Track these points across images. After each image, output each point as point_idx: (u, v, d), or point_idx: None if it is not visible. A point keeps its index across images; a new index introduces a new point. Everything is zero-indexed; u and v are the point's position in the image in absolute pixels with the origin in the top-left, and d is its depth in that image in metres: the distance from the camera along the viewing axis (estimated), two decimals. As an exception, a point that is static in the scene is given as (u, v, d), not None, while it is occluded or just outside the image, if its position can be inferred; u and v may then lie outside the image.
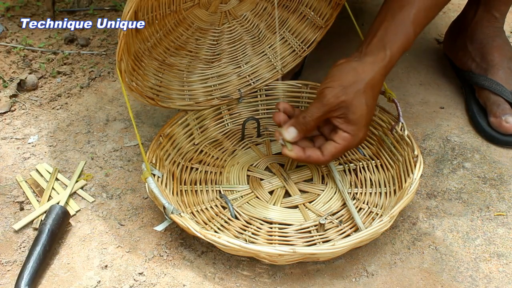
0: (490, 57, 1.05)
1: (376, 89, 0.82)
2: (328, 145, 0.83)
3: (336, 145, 0.83)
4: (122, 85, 0.79)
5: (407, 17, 0.81)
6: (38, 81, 1.11)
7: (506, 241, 0.84)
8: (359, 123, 0.81)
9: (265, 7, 0.94)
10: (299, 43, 0.98)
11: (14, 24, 1.26)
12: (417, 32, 0.82)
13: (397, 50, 0.81)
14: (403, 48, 0.82)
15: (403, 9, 0.81)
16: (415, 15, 0.81)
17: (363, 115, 0.81)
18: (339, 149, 0.83)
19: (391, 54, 0.81)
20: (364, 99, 0.80)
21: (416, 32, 0.82)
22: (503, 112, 0.99)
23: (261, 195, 0.90)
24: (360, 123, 0.81)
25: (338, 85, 0.81)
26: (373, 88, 0.81)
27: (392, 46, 0.81)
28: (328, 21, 0.95)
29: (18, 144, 0.98)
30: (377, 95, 0.83)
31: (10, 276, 0.77)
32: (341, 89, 0.80)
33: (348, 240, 0.73)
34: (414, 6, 0.80)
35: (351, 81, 0.80)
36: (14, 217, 0.85)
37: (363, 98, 0.80)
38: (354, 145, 0.84)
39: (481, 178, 0.94)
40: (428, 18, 0.83)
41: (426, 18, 0.82)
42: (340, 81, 0.81)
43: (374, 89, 0.82)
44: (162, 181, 0.84)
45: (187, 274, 0.79)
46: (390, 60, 0.81)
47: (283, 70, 0.99)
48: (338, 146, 0.83)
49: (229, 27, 0.95)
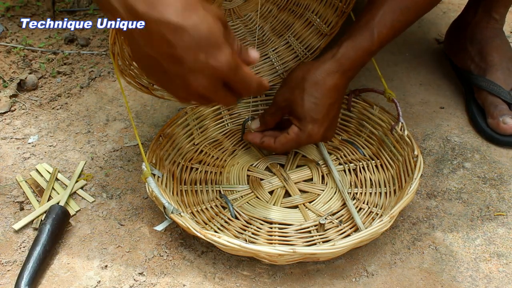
0: (489, 57, 1.05)
1: (322, 87, 0.84)
2: (281, 135, 0.89)
3: (286, 135, 0.88)
4: (116, 71, 0.75)
5: (371, 18, 0.83)
6: (38, 81, 1.11)
7: (506, 241, 0.84)
8: (305, 118, 0.85)
9: (271, 9, 0.94)
10: (303, 49, 0.98)
11: (14, 24, 1.25)
12: (382, 33, 0.82)
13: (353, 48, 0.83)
14: (361, 47, 0.83)
15: (369, 12, 0.84)
16: (381, 16, 0.82)
17: (309, 110, 0.85)
18: (288, 139, 0.88)
19: (345, 51, 0.83)
20: (308, 96, 0.85)
21: (382, 33, 0.82)
22: (501, 113, 0.99)
23: (261, 195, 0.90)
24: (306, 118, 0.85)
25: (285, 85, 0.88)
26: (317, 85, 0.84)
27: (348, 44, 0.84)
28: (333, 28, 0.95)
29: (18, 144, 0.98)
30: (327, 92, 0.85)
31: (10, 276, 0.77)
32: (287, 88, 0.88)
33: (348, 240, 0.73)
34: (381, 8, 0.82)
35: (297, 80, 0.86)
36: (14, 217, 0.85)
37: (308, 95, 0.85)
38: (304, 139, 0.87)
39: (481, 178, 0.94)
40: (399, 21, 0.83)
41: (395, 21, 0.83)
42: (288, 82, 0.88)
43: (320, 87, 0.85)
44: (162, 181, 0.84)
45: (187, 274, 0.79)
46: (344, 57, 0.83)
47: (284, 74, 0.99)
48: (288, 136, 0.88)
49: (233, 26, 0.94)
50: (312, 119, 0.85)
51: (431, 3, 0.85)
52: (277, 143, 0.89)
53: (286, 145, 0.89)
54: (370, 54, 0.84)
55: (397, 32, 0.84)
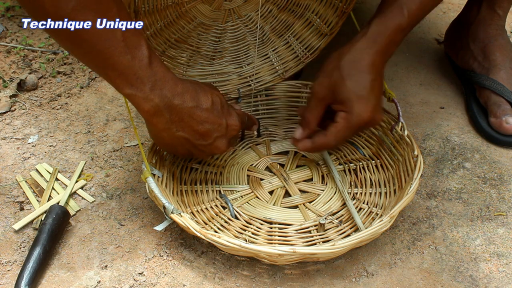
0: (492, 56, 1.05)
1: (360, 63, 0.81)
2: (330, 126, 0.83)
3: (335, 125, 0.82)
4: None
5: None
6: (38, 81, 1.11)
7: (506, 241, 0.84)
8: (350, 98, 0.81)
9: (271, 9, 0.94)
10: (303, 49, 0.98)
11: (14, 24, 1.25)
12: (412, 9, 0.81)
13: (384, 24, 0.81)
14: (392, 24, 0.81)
15: None
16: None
17: (352, 88, 0.81)
18: (338, 128, 0.82)
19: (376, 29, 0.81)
20: (348, 75, 0.81)
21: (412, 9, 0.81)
22: (504, 112, 0.99)
23: (261, 195, 0.90)
24: (351, 98, 0.81)
25: (321, 74, 0.84)
26: (354, 62, 0.81)
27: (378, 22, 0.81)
28: (333, 29, 0.95)
29: (18, 144, 0.98)
30: (366, 68, 0.82)
31: (10, 276, 0.77)
32: (323, 76, 0.83)
33: (348, 240, 0.73)
34: None
35: (332, 65, 0.83)
36: (14, 217, 0.85)
37: (348, 74, 0.81)
38: (355, 121, 0.82)
39: (481, 178, 0.94)
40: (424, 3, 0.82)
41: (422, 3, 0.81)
42: (322, 71, 0.84)
43: (357, 63, 0.81)
44: (162, 181, 0.84)
45: (187, 274, 0.79)
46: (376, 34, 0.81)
47: (284, 74, 0.99)
48: (337, 125, 0.82)
49: (233, 26, 0.94)
50: (357, 96, 0.81)
51: None
52: (328, 136, 0.83)
53: (338, 134, 0.83)
54: (402, 31, 0.82)
55: (426, 9, 0.82)
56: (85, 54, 0.69)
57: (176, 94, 0.73)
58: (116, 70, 0.69)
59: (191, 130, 0.76)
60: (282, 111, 1.02)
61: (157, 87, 0.72)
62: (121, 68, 0.69)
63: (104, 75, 0.72)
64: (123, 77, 0.70)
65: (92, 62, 0.71)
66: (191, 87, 0.76)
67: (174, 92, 0.73)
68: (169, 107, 0.73)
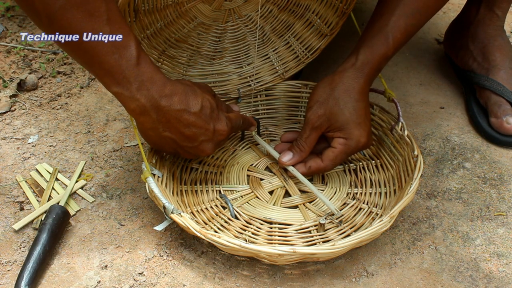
0: (492, 57, 1.05)
1: (353, 92, 0.85)
2: (327, 151, 0.87)
3: (333, 150, 0.86)
4: None
5: (384, 24, 0.84)
6: (38, 81, 1.11)
7: (506, 241, 0.84)
8: (347, 126, 0.85)
9: (271, 10, 0.94)
10: (303, 50, 0.98)
11: (14, 24, 1.25)
12: (397, 37, 0.84)
13: (371, 54, 0.85)
14: (378, 53, 0.85)
15: (382, 17, 0.85)
16: (394, 22, 0.83)
17: (350, 116, 0.85)
18: (336, 153, 0.86)
19: (364, 58, 0.85)
20: (344, 103, 0.85)
21: (396, 37, 0.84)
22: (504, 112, 0.99)
23: (261, 195, 0.90)
24: (348, 125, 0.85)
25: (314, 103, 0.87)
26: (348, 91, 0.85)
27: (365, 51, 0.85)
28: (334, 29, 0.95)
29: (18, 144, 0.98)
30: (358, 96, 0.85)
31: (10, 276, 0.77)
32: (318, 105, 0.86)
33: (348, 240, 0.73)
34: (394, 13, 0.84)
35: (325, 95, 0.86)
36: (14, 217, 0.85)
37: (344, 103, 0.85)
38: (353, 146, 0.86)
39: (481, 178, 0.94)
40: (411, 25, 0.84)
41: (408, 25, 0.84)
42: (315, 99, 0.87)
43: (351, 92, 0.85)
44: (162, 181, 0.84)
45: (187, 274, 0.79)
46: (363, 63, 0.85)
47: (284, 75, 0.99)
48: (335, 150, 0.86)
49: (233, 26, 0.94)
50: (355, 124, 0.85)
51: (440, 4, 0.86)
52: (325, 161, 0.87)
53: (336, 160, 0.87)
54: (387, 59, 0.86)
55: (410, 35, 0.86)
56: (73, 51, 0.70)
57: (163, 96, 0.74)
58: (103, 69, 0.70)
59: (177, 132, 0.77)
60: (282, 111, 1.02)
61: (144, 87, 0.72)
62: (108, 67, 0.70)
63: (93, 72, 0.73)
64: (110, 76, 0.71)
65: (80, 59, 0.72)
66: (181, 89, 0.76)
67: (161, 93, 0.73)
68: (156, 108, 0.74)
